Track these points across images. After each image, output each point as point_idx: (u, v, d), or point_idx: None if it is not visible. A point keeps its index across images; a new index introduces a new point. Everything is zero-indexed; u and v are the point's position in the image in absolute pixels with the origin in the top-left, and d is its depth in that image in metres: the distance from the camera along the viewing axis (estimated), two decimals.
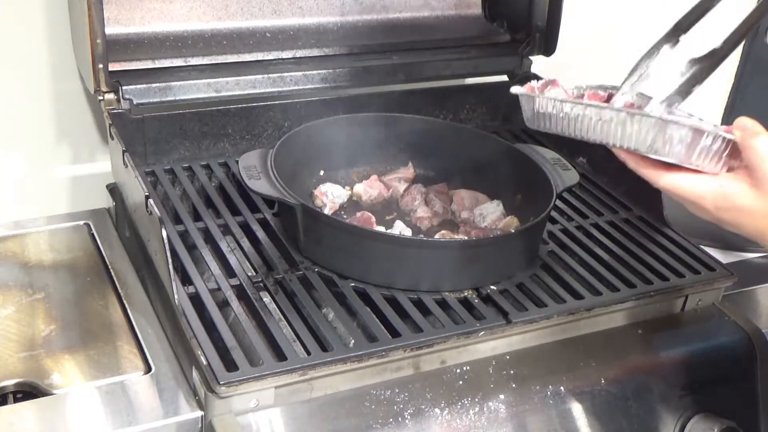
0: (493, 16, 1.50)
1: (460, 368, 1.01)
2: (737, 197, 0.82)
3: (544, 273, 1.12)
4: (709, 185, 0.84)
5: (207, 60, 1.29)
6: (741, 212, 0.83)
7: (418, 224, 1.21)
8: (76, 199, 1.36)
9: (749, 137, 0.81)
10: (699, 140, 0.83)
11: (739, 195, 0.82)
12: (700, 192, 0.84)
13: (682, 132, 0.83)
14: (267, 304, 1.04)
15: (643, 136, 0.84)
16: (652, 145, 0.84)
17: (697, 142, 0.83)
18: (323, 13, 1.40)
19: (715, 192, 0.83)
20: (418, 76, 1.41)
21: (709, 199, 0.84)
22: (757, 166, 0.81)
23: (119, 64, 1.22)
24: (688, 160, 0.84)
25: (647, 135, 0.84)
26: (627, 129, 0.86)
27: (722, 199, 0.83)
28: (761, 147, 0.81)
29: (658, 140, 0.84)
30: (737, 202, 0.82)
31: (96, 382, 0.96)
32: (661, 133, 0.83)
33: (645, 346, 1.11)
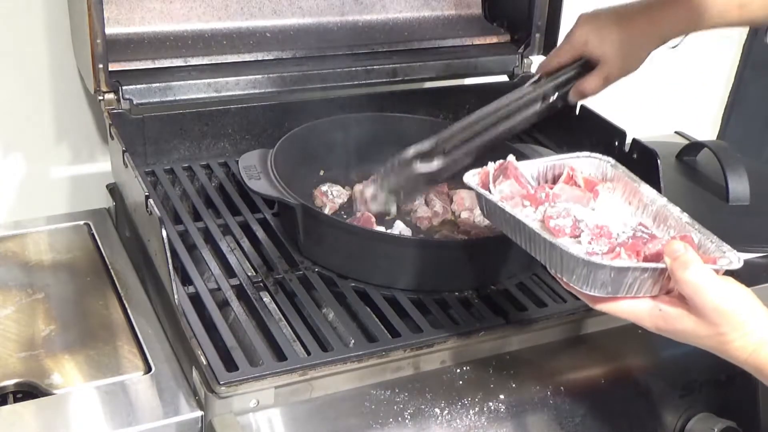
0: (493, 16, 1.50)
1: (460, 368, 1.01)
2: (677, 321, 0.79)
3: (544, 273, 1.12)
4: (647, 308, 0.81)
5: (207, 60, 1.29)
6: (684, 334, 0.80)
7: (418, 224, 1.20)
8: (76, 199, 1.36)
9: (679, 269, 0.76)
10: (625, 277, 0.78)
11: (679, 319, 0.79)
12: (638, 315, 0.81)
13: (603, 272, 0.78)
14: (267, 304, 1.04)
15: (571, 270, 0.80)
16: (578, 280, 0.80)
17: (622, 279, 0.79)
18: (323, 13, 1.40)
19: (653, 315, 0.80)
20: (418, 76, 1.41)
21: (648, 321, 0.81)
22: (693, 299, 0.77)
23: (119, 64, 1.22)
24: (619, 293, 0.80)
25: (574, 270, 0.80)
26: (555, 258, 0.82)
27: (662, 322, 0.80)
28: (693, 279, 0.76)
29: (581, 277, 0.80)
30: (678, 326, 0.79)
31: (96, 382, 0.96)
32: (583, 271, 0.79)
33: (645, 346, 1.11)
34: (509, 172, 0.91)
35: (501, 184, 0.91)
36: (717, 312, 0.76)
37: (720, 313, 0.76)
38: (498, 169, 0.92)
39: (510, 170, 0.91)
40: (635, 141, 1.25)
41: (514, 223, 0.86)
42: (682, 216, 0.87)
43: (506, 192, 0.90)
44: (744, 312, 0.77)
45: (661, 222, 0.89)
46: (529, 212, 0.88)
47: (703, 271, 0.76)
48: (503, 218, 0.88)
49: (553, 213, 0.87)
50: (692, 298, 0.77)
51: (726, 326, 0.77)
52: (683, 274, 0.76)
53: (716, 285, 0.77)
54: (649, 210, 0.90)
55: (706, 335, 0.78)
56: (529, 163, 0.95)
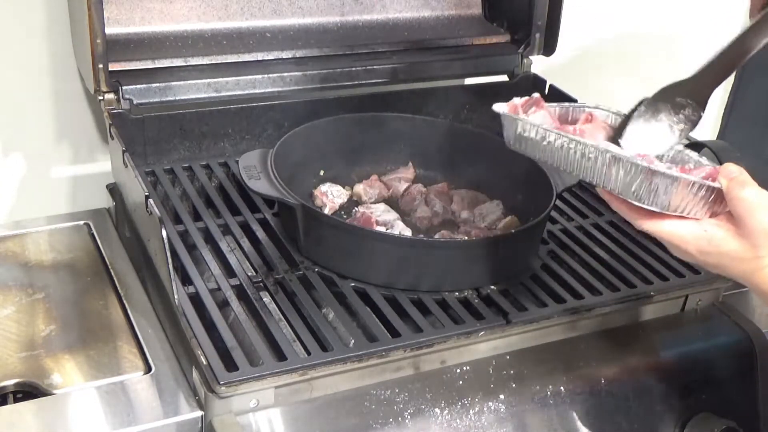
0: (493, 16, 1.50)
1: (460, 368, 1.01)
2: (721, 243, 0.81)
3: (544, 273, 1.12)
4: (692, 230, 0.83)
5: (207, 60, 1.29)
6: (725, 257, 0.82)
7: (418, 224, 1.21)
8: (76, 199, 1.36)
9: (736, 188, 0.80)
10: (684, 190, 0.81)
11: (724, 241, 0.81)
12: (684, 236, 0.83)
13: (667, 182, 0.81)
14: (267, 304, 1.04)
15: (628, 182, 0.82)
16: (636, 192, 0.82)
17: (682, 193, 0.81)
18: (323, 13, 1.40)
19: (699, 236, 0.82)
20: (418, 76, 1.41)
21: (692, 244, 0.83)
22: (744, 218, 0.80)
23: (119, 64, 1.21)
24: (672, 209, 0.82)
25: (632, 181, 0.82)
26: (611, 171, 0.84)
27: (706, 243, 0.82)
28: (748, 198, 0.79)
29: (642, 188, 0.82)
30: (721, 248, 0.81)
31: (96, 382, 0.96)
32: (646, 181, 0.81)
33: (645, 346, 1.11)
34: (540, 104, 0.93)
35: (533, 114, 0.92)
36: (765, 234, 0.79)
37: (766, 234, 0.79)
38: (527, 102, 0.93)
39: (540, 102, 0.93)
40: None
41: (560, 145, 0.87)
42: (701, 159, 0.90)
43: (538, 122, 0.91)
44: None
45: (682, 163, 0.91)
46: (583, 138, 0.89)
47: (758, 191, 0.79)
48: (544, 141, 0.88)
49: None
50: (744, 217, 0.79)
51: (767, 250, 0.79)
52: (740, 192, 0.79)
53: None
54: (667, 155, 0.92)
55: (745, 257, 0.80)
56: (548, 106, 0.96)
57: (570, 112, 0.97)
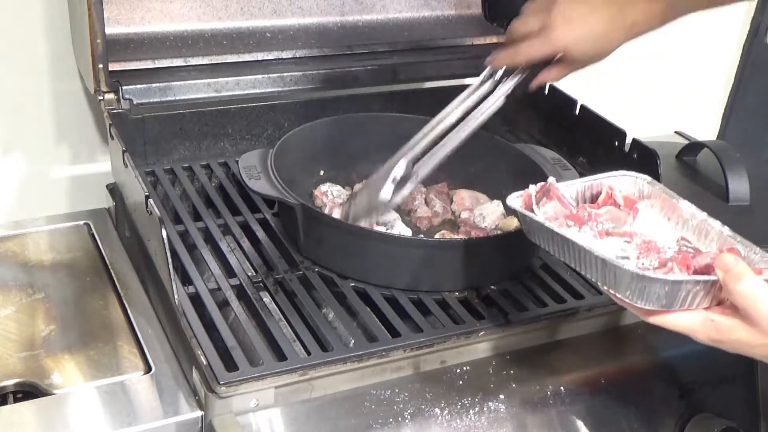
0: (493, 16, 1.50)
1: (460, 368, 1.01)
2: (731, 332, 0.79)
3: (544, 273, 1.12)
4: (698, 320, 0.81)
5: (207, 60, 1.29)
6: (738, 344, 0.80)
7: (418, 224, 1.20)
8: (76, 199, 1.36)
9: (732, 281, 0.77)
10: (680, 289, 0.79)
11: (733, 330, 0.79)
12: (691, 327, 0.81)
13: (660, 286, 0.79)
14: (267, 304, 1.04)
15: (624, 286, 0.81)
16: (632, 295, 0.81)
17: (677, 292, 0.79)
18: (323, 13, 1.40)
19: (707, 326, 0.81)
20: (418, 76, 1.41)
21: (701, 333, 0.81)
22: (748, 310, 0.77)
23: (119, 64, 1.21)
24: (672, 307, 0.80)
25: (628, 285, 0.81)
26: (608, 275, 0.83)
27: (715, 333, 0.80)
28: (747, 291, 0.76)
29: (637, 292, 0.80)
30: (732, 336, 0.79)
31: (96, 382, 0.96)
32: (639, 285, 0.80)
33: (645, 346, 1.11)
34: (552, 193, 0.92)
35: (545, 206, 0.91)
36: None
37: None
38: (540, 191, 0.93)
39: (552, 191, 0.92)
40: (635, 141, 1.25)
41: (563, 243, 0.86)
42: (723, 229, 0.87)
43: (550, 213, 0.91)
44: None
45: (703, 236, 0.89)
46: (573, 232, 0.88)
47: (755, 282, 0.77)
48: (551, 238, 0.88)
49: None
50: (746, 308, 0.77)
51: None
52: (737, 286, 0.77)
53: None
54: (690, 225, 0.90)
55: (760, 344, 0.78)
56: (568, 185, 0.95)
57: (591, 188, 0.96)
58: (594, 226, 0.89)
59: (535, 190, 0.93)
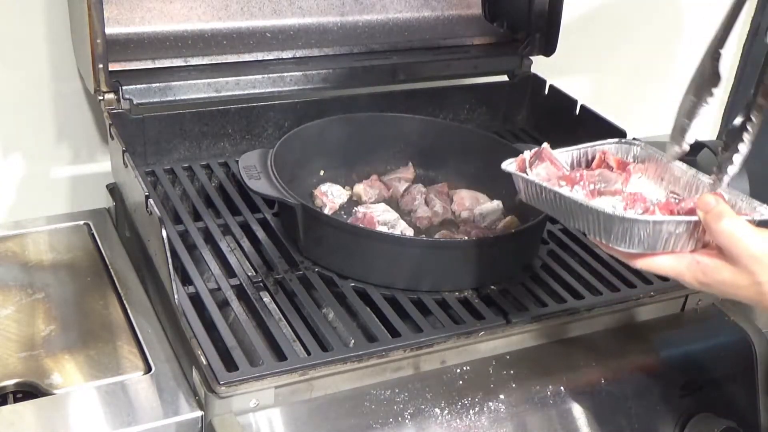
0: (493, 16, 1.50)
1: (460, 368, 1.01)
2: (716, 272, 0.80)
3: (544, 273, 1.12)
4: (684, 262, 0.82)
5: (207, 60, 1.29)
6: (725, 285, 0.80)
7: (418, 224, 1.21)
8: (76, 199, 1.36)
9: (713, 221, 0.78)
10: (662, 230, 0.81)
11: (717, 270, 0.80)
12: (678, 270, 0.82)
13: (643, 227, 0.81)
14: (267, 304, 1.04)
15: (608, 231, 0.83)
16: (618, 239, 0.82)
17: (659, 232, 0.81)
18: (323, 13, 1.40)
19: (693, 268, 0.81)
20: (418, 76, 1.41)
21: (688, 275, 0.82)
22: (729, 249, 0.78)
23: (119, 64, 1.22)
24: (656, 248, 0.82)
25: (611, 230, 0.82)
26: (594, 224, 0.84)
27: (701, 275, 0.81)
28: (727, 230, 0.78)
29: (622, 235, 0.82)
30: (718, 277, 0.80)
31: (96, 382, 0.96)
32: (624, 228, 0.81)
33: (645, 346, 1.11)
34: (544, 155, 0.94)
35: (537, 168, 0.93)
36: (754, 259, 0.77)
37: (757, 260, 0.77)
38: (533, 155, 0.95)
39: (545, 154, 0.94)
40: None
41: (552, 197, 0.89)
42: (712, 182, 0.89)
43: (543, 174, 0.93)
44: None
45: (693, 190, 0.91)
46: (565, 191, 0.90)
47: (736, 221, 0.78)
48: (542, 195, 0.90)
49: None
50: (728, 247, 0.78)
51: (764, 274, 0.77)
52: (718, 225, 0.78)
53: (751, 234, 0.78)
54: (681, 182, 0.92)
55: (744, 285, 0.79)
56: (563, 151, 0.97)
57: (586, 154, 0.97)
58: (586, 185, 0.90)
59: (529, 155, 0.95)
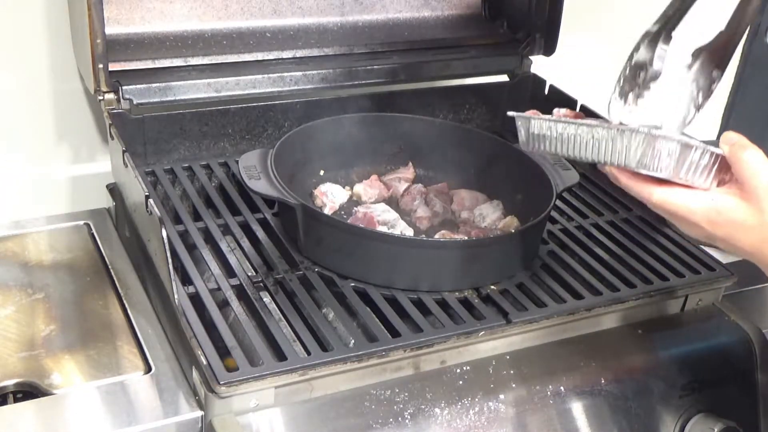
0: (493, 16, 1.50)
1: (460, 368, 1.01)
2: (730, 211, 0.82)
3: (544, 273, 1.12)
4: (700, 199, 0.83)
5: (207, 60, 1.29)
6: (734, 226, 0.82)
7: (418, 224, 1.21)
8: (76, 199, 1.36)
9: (737, 151, 0.81)
10: (687, 154, 0.83)
11: (732, 209, 0.82)
12: (692, 206, 0.83)
13: (670, 146, 0.83)
14: (267, 304, 1.04)
15: (633, 152, 0.85)
16: (642, 159, 0.84)
17: (685, 157, 0.83)
18: (323, 13, 1.40)
19: (707, 206, 0.83)
20: (418, 76, 1.41)
21: (700, 214, 0.83)
22: (747, 180, 0.80)
23: (119, 64, 1.22)
24: (678, 175, 0.83)
25: (637, 150, 0.84)
26: (617, 145, 0.86)
27: (715, 213, 0.82)
28: (749, 160, 0.80)
29: (647, 155, 0.84)
30: (730, 216, 0.82)
31: (96, 382, 0.96)
32: (649, 147, 0.83)
33: (645, 346, 1.11)
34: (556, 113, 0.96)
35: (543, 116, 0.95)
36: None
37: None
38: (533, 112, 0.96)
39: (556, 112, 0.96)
40: None
41: (569, 134, 0.90)
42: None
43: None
44: None
45: None
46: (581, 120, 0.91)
47: (758, 154, 0.80)
48: (555, 133, 0.91)
49: None
50: (748, 179, 0.80)
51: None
52: (742, 154, 0.80)
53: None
54: None
55: (754, 225, 0.80)
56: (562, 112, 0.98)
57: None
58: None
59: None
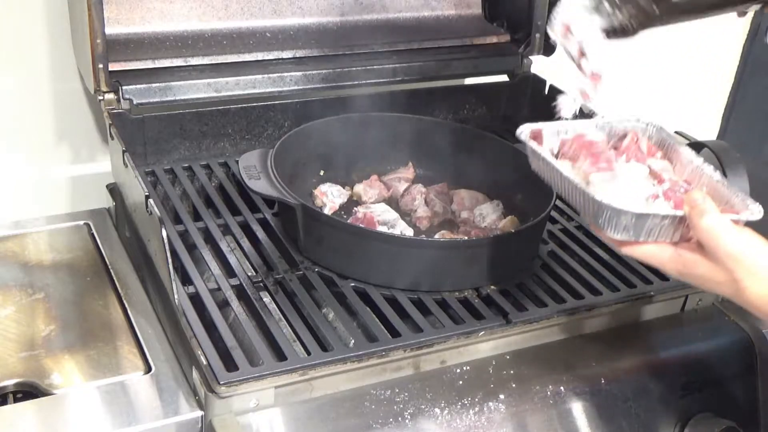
0: (493, 16, 1.50)
1: (460, 368, 1.01)
2: (696, 267, 0.82)
3: (544, 273, 1.12)
4: (666, 253, 0.84)
5: (207, 60, 1.29)
6: (702, 279, 0.83)
7: (418, 224, 1.21)
8: (76, 199, 1.36)
9: (696, 217, 0.81)
10: (645, 222, 0.83)
11: (697, 265, 0.82)
12: (660, 259, 0.85)
13: (626, 217, 0.83)
14: (267, 304, 1.04)
15: (596, 214, 0.85)
16: (604, 225, 0.85)
17: (643, 224, 0.83)
18: (323, 13, 1.40)
19: (675, 260, 0.84)
20: (418, 76, 1.41)
21: (669, 266, 0.85)
22: (710, 245, 0.80)
23: (119, 64, 1.21)
24: (638, 238, 0.84)
25: (599, 214, 0.85)
26: (583, 203, 0.87)
27: (682, 267, 0.84)
28: (708, 227, 0.80)
29: (610, 222, 0.84)
30: (696, 272, 0.83)
31: (96, 382, 0.96)
32: (613, 216, 0.83)
33: (645, 346, 1.11)
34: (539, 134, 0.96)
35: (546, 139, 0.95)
36: (731, 258, 0.79)
37: (734, 258, 0.79)
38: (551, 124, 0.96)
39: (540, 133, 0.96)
40: None
41: (553, 172, 0.91)
42: (713, 175, 0.91)
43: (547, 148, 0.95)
44: (760, 258, 0.79)
45: (695, 180, 0.93)
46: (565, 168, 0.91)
47: (718, 218, 0.80)
48: (547, 169, 0.92)
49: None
50: (707, 244, 0.80)
51: (741, 272, 0.79)
52: (700, 221, 0.80)
53: (731, 232, 0.80)
54: (687, 169, 0.94)
55: (722, 281, 0.81)
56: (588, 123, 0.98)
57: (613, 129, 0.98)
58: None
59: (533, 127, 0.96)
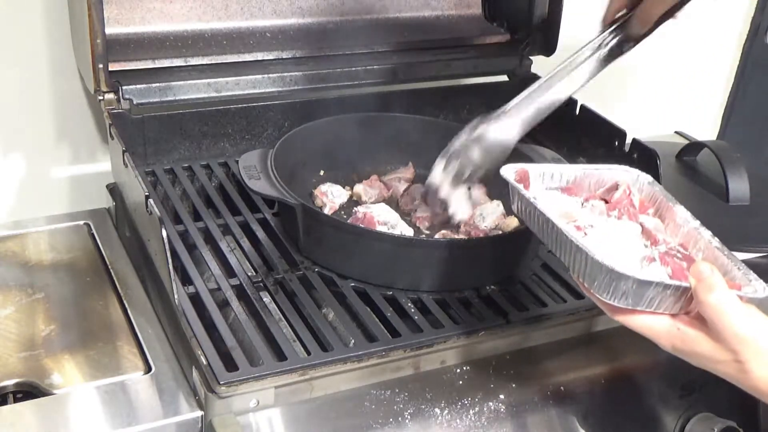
0: (493, 16, 1.50)
1: (460, 368, 1.01)
2: (695, 343, 0.77)
3: (544, 273, 1.12)
4: (665, 325, 0.79)
5: (207, 60, 1.29)
6: (701, 357, 0.78)
7: (418, 224, 1.20)
8: (76, 199, 1.36)
9: (703, 291, 0.75)
10: (647, 290, 0.77)
11: (697, 342, 0.77)
12: (656, 332, 0.79)
13: (627, 283, 0.77)
14: (267, 304, 1.04)
15: (591, 276, 0.79)
16: (599, 287, 0.79)
17: (644, 292, 0.77)
18: (323, 13, 1.40)
19: (672, 334, 0.79)
20: (418, 76, 1.41)
21: (664, 339, 0.79)
22: (715, 323, 0.75)
23: (119, 64, 1.21)
24: (637, 306, 0.78)
25: (595, 276, 0.79)
26: (577, 260, 0.80)
27: (679, 342, 0.78)
28: (715, 304, 0.74)
29: (602, 285, 0.78)
30: (696, 349, 0.78)
31: (96, 382, 0.96)
32: (610, 280, 0.77)
33: (645, 346, 1.10)
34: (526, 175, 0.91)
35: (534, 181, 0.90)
36: (737, 338, 0.74)
37: (740, 339, 0.74)
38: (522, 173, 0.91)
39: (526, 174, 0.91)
40: (635, 141, 1.25)
41: (543, 222, 0.85)
42: (712, 240, 0.85)
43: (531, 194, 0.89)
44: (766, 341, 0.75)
45: (692, 243, 0.87)
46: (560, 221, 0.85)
47: (727, 295, 0.75)
48: (533, 215, 0.86)
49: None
50: (714, 321, 0.75)
51: (747, 353, 0.75)
52: (707, 297, 0.75)
53: (739, 311, 0.75)
54: (682, 230, 0.88)
55: (724, 360, 0.76)
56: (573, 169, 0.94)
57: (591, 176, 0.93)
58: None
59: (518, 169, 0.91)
